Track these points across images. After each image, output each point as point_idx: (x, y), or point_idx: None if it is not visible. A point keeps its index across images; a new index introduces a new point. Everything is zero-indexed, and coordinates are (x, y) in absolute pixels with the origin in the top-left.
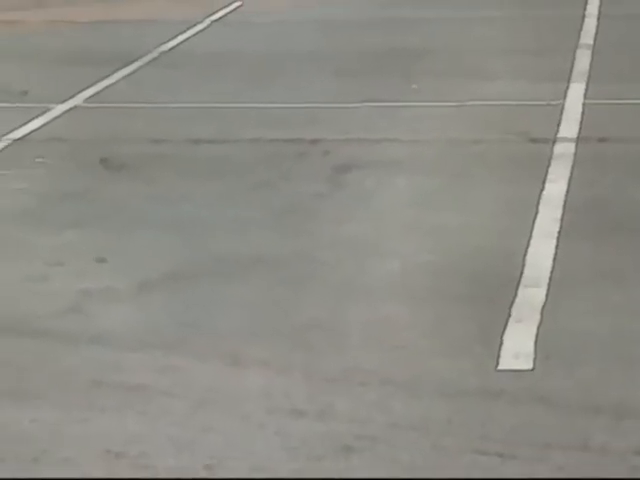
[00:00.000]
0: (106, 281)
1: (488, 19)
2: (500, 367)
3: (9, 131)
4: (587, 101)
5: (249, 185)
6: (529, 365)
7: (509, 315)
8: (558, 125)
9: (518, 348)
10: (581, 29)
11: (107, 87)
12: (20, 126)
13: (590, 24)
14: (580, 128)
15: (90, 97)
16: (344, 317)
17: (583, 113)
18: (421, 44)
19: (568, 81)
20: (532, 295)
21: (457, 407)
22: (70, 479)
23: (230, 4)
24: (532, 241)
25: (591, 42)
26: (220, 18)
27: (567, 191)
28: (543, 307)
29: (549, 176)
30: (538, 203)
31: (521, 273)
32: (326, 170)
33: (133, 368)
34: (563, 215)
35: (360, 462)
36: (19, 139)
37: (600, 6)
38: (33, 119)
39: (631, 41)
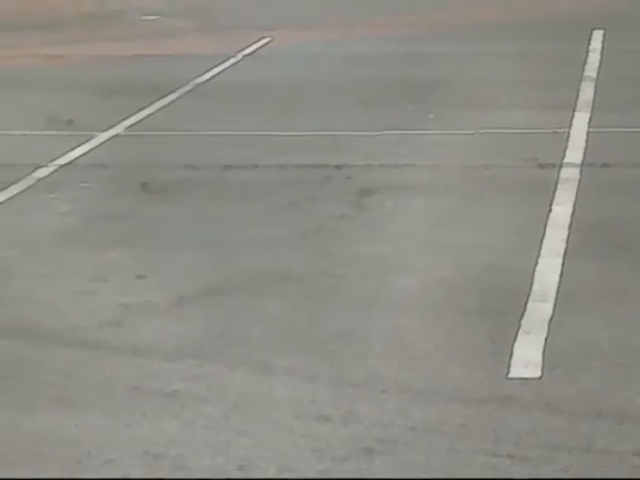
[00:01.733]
0: (146, 296)
1: (499, 53)
2: (510, 375)
3: (56, 157)
4: (591, 129)
5: (277, 207)
6: (537, 373)
7: (519, 327)
8: (564, 151)
9: (527, 358)
10: (585, 63)
11: (146, 116)
12: (66, 152)
13: (594, 58)
14: (585, 154)
15: (131, 126)
16: (366, 329)
17: (587, 140)
18: (437, 77)
19: (573, 110)
20: (540, 309)
21: (471, 412)
22: (112, 479)
23: (261, 39)
24: (540, 259)
25: (595, 75)
26: (252, 53)
27: (573, 213)
28: (550, 320)
29: (556, 199)
30: (546, 224)
31: (530, 288)
32: (349, 193)
33: (170, 376)
34: (569, 235)
35: (381, 463)
36: (65, 165)
37: (603, 42)
38: (78, 146)
39: (632, 74)
